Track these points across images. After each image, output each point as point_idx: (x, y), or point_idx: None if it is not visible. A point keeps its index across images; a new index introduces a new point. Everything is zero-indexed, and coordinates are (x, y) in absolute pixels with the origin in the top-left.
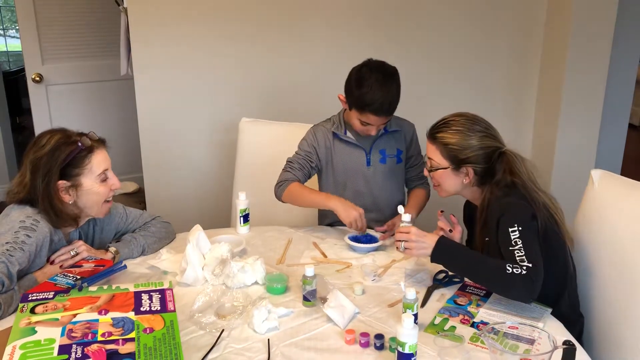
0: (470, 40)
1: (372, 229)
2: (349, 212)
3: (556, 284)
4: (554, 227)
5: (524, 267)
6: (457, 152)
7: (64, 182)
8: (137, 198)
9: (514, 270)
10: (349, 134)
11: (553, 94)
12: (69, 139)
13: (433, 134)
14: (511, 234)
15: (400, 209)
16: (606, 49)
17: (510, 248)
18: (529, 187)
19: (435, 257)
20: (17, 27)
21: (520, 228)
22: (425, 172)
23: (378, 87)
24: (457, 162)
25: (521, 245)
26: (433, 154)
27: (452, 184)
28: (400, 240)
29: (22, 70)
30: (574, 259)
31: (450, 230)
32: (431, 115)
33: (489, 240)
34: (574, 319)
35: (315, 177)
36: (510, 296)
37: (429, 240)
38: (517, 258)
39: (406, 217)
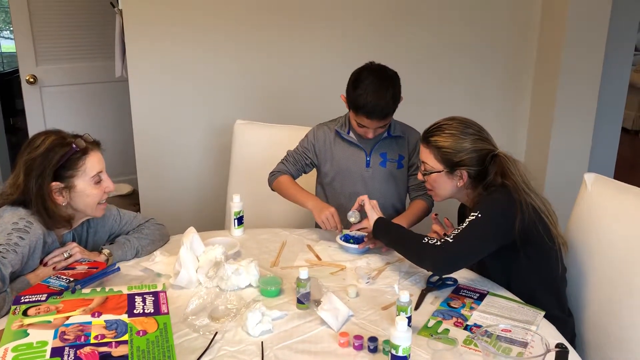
0: (465, 44)
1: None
2: (320, 211)
3: (541, 284)
4: (543, 230)
5: (442, 240)
6: (451, 155)
7: (58, 183)
8: (131, 200)
9: (429, 240)
10: (351, 134)
11: (547, 97)
12: (64, 140)
13: (426, 138)
14: (469, 217)
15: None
16: (599, 53)
17: (457, 226)
18: (519, 189)
19: (374, 232)
20: (12, 28)
21: (479, 215)
22: (420, 176)
23: (372, 90)
24: (451, 165)
25: (465, 227)
26: (427, 158)
27: (447, 188)
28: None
29: (16, 71)
30: (567, 262)
31: (445, 234)
32: (425, 118)
33: None
34: (563, 318)
35: (313, 172)
36: (420, 264)
37: (377, 216)
38: (450, 232)
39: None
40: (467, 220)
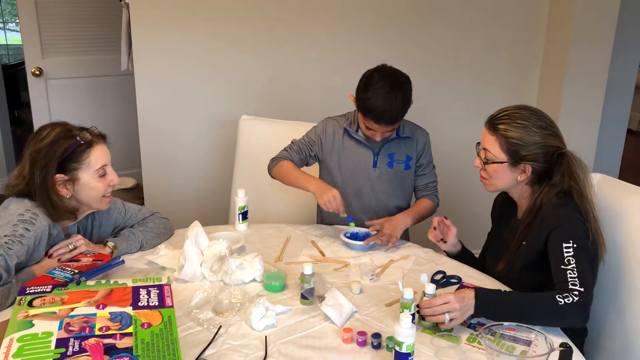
0: (471, 45)
1: (365, 227)
2: (323, 193)
3: None
4: (599, 241)
5: (575, 293)
6: (519, 147)
7: (62, 176)
8: (135, 194)
9: (566, 300)
10: (360, 132)
11: (553, 98)
12: (69, 133)
13: (494, 125)
14: (564, 251)
15: (424, 278)
16: (606, 54)
17: (563, 267)
18: (584, 197)
19: (478, 312)
20: (17, 21)
21: (574, 245)
22: (477, 163)
23: (382, 95)
24: (516, 157)
25: (574, 265)
26: (491, 146)
27: (505, 180)
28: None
29: (21, 63)
30: None
31: (444, 241)
32: (429, 117)
33: (526, 245)
34: (579, 332)
35: (316, 167)
36: (565, 326)
37: (469, 300)
38: (569, 279)
39: (430, 289)
40: (566, 256)
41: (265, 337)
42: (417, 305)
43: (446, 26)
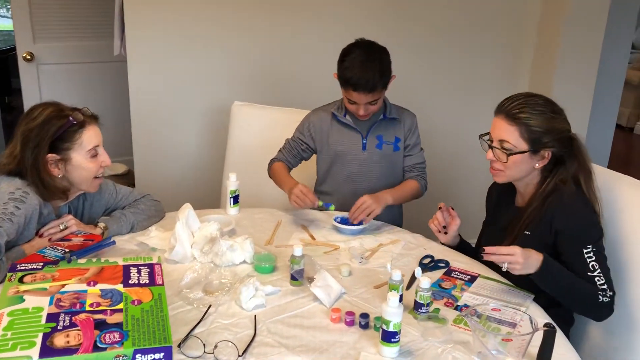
0: (462, 40)
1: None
2: (290, 192)
3: None
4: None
5: (608, 296)
6: (541, 134)
7: (53, 155)
8: (126, 180)
9: (604, 299)
10: (348, 116)
11: (543, 92)
12: (61, 112)
13: (513, 114)
14: (586, 257)
15: (418, 272)
16: (596, 50)
17: (589, 274)
18: (592, 187)
19: (538, 274)
20: (8, 6)
21: (594, 249)
22: (490, 155)
23: (358, 63)
24: (538, 145)
25: (599, 270)
26: (510, 136)
27: (523, 169)
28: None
29: (12, 49)
30: None
31: (446, 229)
32: (420, 105)
33: (530, 235)
34: (568, 319)
35: (313, 160)
36: (595, 319)
37: (535, 261)
38: (599, 285)
39: (425, 283)
40: (590, 262)
41: (255, 316)
42: (480, 250)
43: (439, 16)
